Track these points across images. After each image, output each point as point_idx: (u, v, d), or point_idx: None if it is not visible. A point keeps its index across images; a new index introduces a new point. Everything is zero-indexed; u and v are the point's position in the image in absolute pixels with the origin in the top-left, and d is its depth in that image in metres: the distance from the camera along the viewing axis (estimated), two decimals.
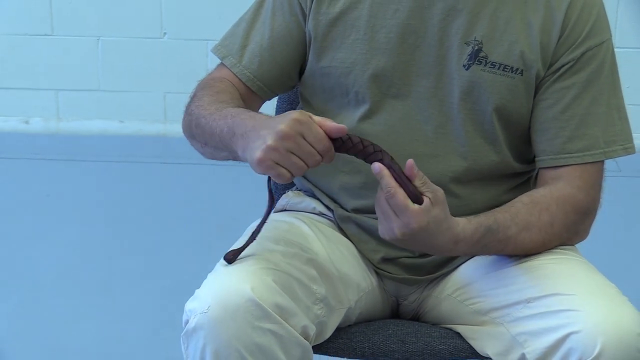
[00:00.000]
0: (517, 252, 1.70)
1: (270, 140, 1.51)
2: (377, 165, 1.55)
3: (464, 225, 1.63)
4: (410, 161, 1.56)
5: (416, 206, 1.55)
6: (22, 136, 4.53)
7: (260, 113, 1.65)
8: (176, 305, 1.66)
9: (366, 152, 1.57)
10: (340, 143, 1.56)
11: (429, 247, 1.62)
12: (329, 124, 1.54)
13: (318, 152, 1.52)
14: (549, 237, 1.71)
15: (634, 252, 3.41)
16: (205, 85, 1.80)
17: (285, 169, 1.52)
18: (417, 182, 1.56)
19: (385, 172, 1.54)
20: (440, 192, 1.58)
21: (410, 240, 1.58)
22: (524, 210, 1.69)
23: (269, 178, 1.60)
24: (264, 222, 1.64)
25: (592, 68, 1.74)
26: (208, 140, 1.70)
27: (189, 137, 1.78)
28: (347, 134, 1.56)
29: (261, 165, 1.53)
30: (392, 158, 1.57)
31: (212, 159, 1.76)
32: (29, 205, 3.80)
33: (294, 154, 1.52)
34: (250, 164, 1.56)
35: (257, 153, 1.52)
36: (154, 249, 3.42)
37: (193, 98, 1.78)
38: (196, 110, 1.74)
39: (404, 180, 1.55)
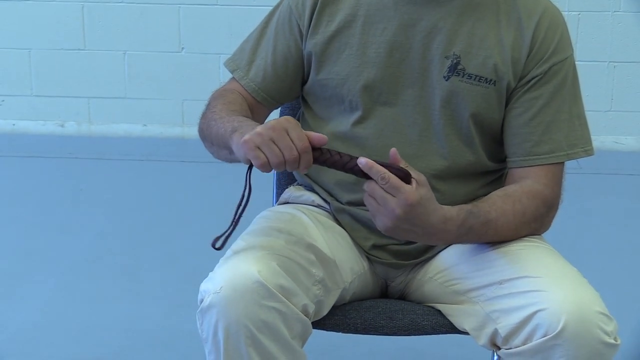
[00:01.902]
0: (495, 237, 1.69)
1: (259, 129, 1.52)
2: (363, 160, 1.53)
3: (448, 207, 1.61)
4: (393, 149, 1.55)
5: (408, 185, 1.54)
6: (58, 138, 4.52)
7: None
8: (192, 287, 1.66)
9: (343, 161, 1.55)
10: (320, 154, 1.55)
11: (422, 228, 1.57)
12: (312, 133, 1.54)
13: (296, 149, 1.51)
14: (521, 225, 1.70)
15: (593, 240, 3.41)
16: (218, 96, 1.81)
17: (265, 155, 1.51)
18: (404, 165, 1.55)
19: (373, 162, 1.53)
20: (422, 176, 1.57)
21: (409, 219, 1.54)
22: (499, 201, 1.69)
23: (249, 169, 1.58)
24: (244, 208, 1.60)
25: (557, 81, 1.74)
26: (214, 140, 1.71)
27: (202, 139, 1.79)
28: (326, 148, 1.55)
29: (244, 145, 1.52)
30: (350, 157, 1.56)
31: (217, 158, 1.76)
32: (64, 199, 3.79)
33: (275, 144, 1.51)
34: (237, 146, 1.55)
35: (245, 136, 1.53)
36: (173, 238, 3.41)
37: (208, 106, 1.79)
38: (210, 115, 1.74)
39: (388, 166, 1.54)
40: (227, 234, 1.60)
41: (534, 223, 1.73)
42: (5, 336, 2.70)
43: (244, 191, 1.59)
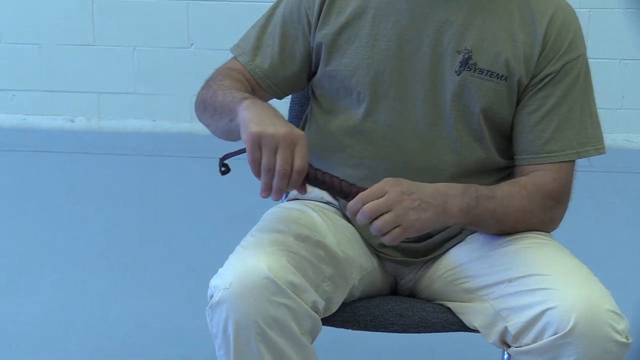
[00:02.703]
0: (505, 217, 1.68)
1: (272, 130, 1.50)
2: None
3: (444, 183, 1.64)
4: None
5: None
6: (68, 133, 4.54)
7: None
8: (200, 282, 1.66)
9: (333, 184, 1.59)
10: (313, 176, 1.57)
11: (432, 196, 1.58)
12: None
13: (292, 166, 1.50)
14: (528, 210, 1.70)
15: (604, 238, 3.41)
16: (224, 73, 1.81)
17: (260, 156, 1.51)
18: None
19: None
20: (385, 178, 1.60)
21: (414, 193, 1.56)
22: (504, 185, 1.70)
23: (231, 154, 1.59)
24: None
25: (569, 79, 1.74)
26: (218, 108, 1.69)
27: (201, 110, 1.77)
28: (319, 171, 1.58)
29: (251, 136, 1.51)
30: (357, 187, 1.59)
31: (213, 131, 1.75)
32: (73, 193, 3.80)
33: (275, 153, 1.50)
34: (243, 129, 1.54)
35: (255, 128, 1.51)
36: (182, 232, 3.42)
37: (213, 79, 1.79)
38: (215, 85, 1.73)
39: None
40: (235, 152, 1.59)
41: (542, 214, 1.72)
42: (11, 330, 2.70)
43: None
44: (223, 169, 1.60)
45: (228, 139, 1.71)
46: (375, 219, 1.56)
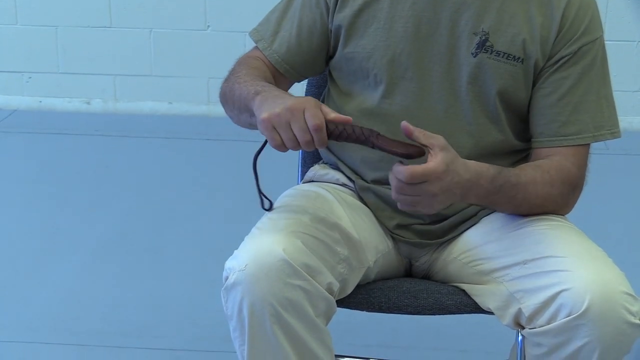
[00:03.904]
0: (524, 203, 1.69)
1: (277, 109, 1.53)
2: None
3: (476, 162, 1.63)
4: (403, 122, 1.56)
5: (429, 163, 1.54)
6: (84, 115, 4.55)
7: (287, 92, 1.66)
8: (217, 264, 1.67)
9: (358, 135, 1.57)
10: (334, 128, 1.55)
11: (461, 188, 1.58)
12: (334, 113, 1.54)
13: (309, 131, 1.51)
14: (548, 197, 1.70)
15: (619, 221, 3.40)
16: (243, 62, 1.82)
17: (280, 137, 1.53)
18: (417, 134, 1.56)
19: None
20: (440, 138, 1.57)
21: (446, 188, 1.55)
22: (529, 168, 1.70)
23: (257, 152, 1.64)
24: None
25: (586, 62, 1.73)
26: (236, 103, 1.72)
27: (223, 103, 1.80)
28: (342, 124, 1.56)
29: (262, 124, 1.54)
30: (378, 134, 1.57)
31: (237, 123, 1.77)
32: (90, 176, 3.81)
33: (290, 127, 1.52)
34: (257, 122, 1.57)
35: (264, 114, 1.54)
36: (198, 215, 3.43)
37: (232, 71, 1.80)
38: (234, 79, 1.76)
39: (396, 150, 1.55)
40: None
41: (560, 199, 1.72)
42: (31, 313, 2.72)
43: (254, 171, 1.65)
44: (267, 207, 1.68)
45: (253, 130, 1.73)
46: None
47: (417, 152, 1.55)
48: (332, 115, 1.54)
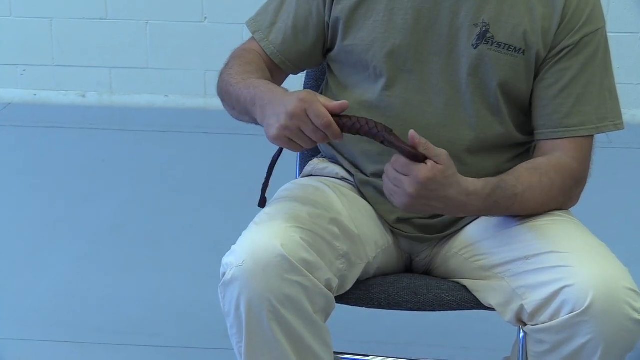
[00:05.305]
0: (522, 211, 1.68)
1: (282, 121, 1.54)
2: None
3: (473, 180, 1.61)
4: (411, 131, 1.56)
5: (421, 164, 1.55)
6: (80, 108, 4.54)
7: (278, 87, 1.66)
8: (214, 258, 1.67)
9: (369, 128, 1.57)
10: (347, 120, 1.56)
11: (442, 202, 1.58)
12: (331, 103, 1.55)
13: (319, 128, 1.53)
14: (548, 199, 1.70)
15: (622, 215, 3.40)
16: (236, 56, 1.82)
17: (296, 142, 1.56)
18: (421, 149, 1.55)
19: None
20: (444, 153, 1.57)
21: (424, 196, 1.55)
22: (526, 174, 1.69)
23: (277, 155, 1.69)
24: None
25: (588, 52, 1.73)
26: (235, 105, 1.73)
27: (221, 99, 1.81)
28: (354, 116, 1.57)
29: (277, 141, 1.56)
30: (391, 130, 1.57)
31: (239, 120, 1.78)
32: (86, 169, 3.81)
33: (302, 131, 1.54)
34: (268, 138, 1.58)
35: (273, 131, 1.55)
36: (194, 209, 3.42)
37: (226, 65, 1.80)
38: (227, 78, 1.76)
39: (405, 147, 1.55)
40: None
41: (562, 197, 1.72)
42: (25, 309, 2.72)
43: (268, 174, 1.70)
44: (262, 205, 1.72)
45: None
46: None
47: (424, 156, 1.56)
48: (330, 104, 1.55)
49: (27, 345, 2.55)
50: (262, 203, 1.73)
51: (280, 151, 1.68)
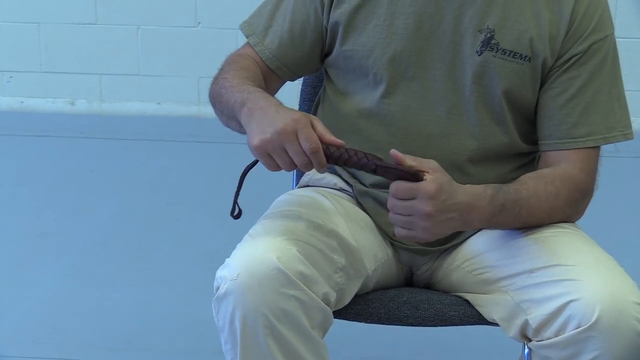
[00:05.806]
0: (529, 218, 1.68)
1: (269, 133, 1.52)
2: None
3: (471, 185, 1.62)
4: (392, 150, 1.55)
5: (421, 181, 1.54)
6: (69, 116, 4.54)
7: (275, 99, 1.65)
8: (207, 271, 1.67)
9: (358, 159, 1.56)
10: (331, 152, 1.55)
11: (456, 211, 1.57)
12: (328, 134, 1.54)
13: (305, 153, 1.51)
14: (554, 209, 1.69)
15: (630, 227, 3.40)
16: (231, 61, 1.82)
17: (274, 160, 1.54)
18: (409, 163, 1.55)
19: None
20: (433, 161, 1.57)
21: (441, 209, 1.54)
22: (531, 182, 1.69)
23: (249, 166, 1.63)
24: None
25: (596, 60, 1.73)
26: (224, 109, 1.72)
27: (212, 105, 1.79)
28: (342, 147, 1.55)
29: (256, 151, 1.54)
30: (380, 159, 1.56)
31: (227, 127, 1.77)
32: (75, 180, 3.81)
33: (285, 151, 1.52)
34: (248, 145, 1.57)
35: (256, 141, 1.54)
36: (187, 221, 3.42)
37: (220, 71, 1.80)
38: (221, 81, 1.75)
39: (399, 171, 1.55)
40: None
41: (568, 208, 1.72)
42: (15, 319, 2.72)
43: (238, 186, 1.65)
44: (235, 213, 1.66)
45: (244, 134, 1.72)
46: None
47: (412, 175, 1.56)
48: (327, 137, 1.54)
49: None
50: (237, 215, 1.68)
51: (254, 162, 1.63)
